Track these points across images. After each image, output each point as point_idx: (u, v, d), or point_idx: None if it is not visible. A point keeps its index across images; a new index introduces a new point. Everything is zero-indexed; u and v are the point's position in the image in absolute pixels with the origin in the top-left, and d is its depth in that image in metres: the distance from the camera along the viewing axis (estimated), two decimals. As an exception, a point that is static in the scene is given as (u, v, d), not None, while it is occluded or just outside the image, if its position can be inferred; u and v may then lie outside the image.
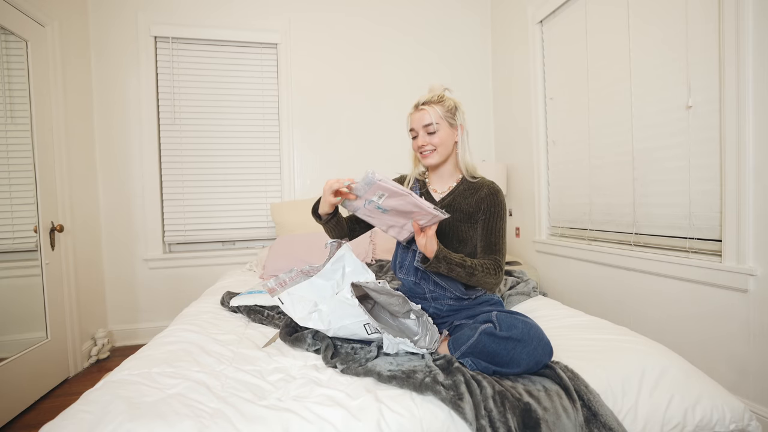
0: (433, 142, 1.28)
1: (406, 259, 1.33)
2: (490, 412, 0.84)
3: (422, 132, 1.28)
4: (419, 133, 1.29)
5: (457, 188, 1.34)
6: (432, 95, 1.30)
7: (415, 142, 1.32)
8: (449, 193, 1.34)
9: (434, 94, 1.30)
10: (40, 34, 2.13)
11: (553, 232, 2.62)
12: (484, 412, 0.84)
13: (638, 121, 1.91)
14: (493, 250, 1.24)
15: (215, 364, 1.08)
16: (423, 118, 1.27)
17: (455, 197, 1.32)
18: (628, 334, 1.20)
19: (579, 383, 0.92)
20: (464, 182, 1.34)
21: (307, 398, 0.90)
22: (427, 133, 1.28)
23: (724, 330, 1.57)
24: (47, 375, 2.07)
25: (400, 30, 3.04)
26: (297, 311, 1.12)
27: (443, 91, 1.32)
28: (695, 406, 0.95)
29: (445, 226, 1.30)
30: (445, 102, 1.29)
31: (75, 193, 2.36)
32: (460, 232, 1.29)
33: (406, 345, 1.05)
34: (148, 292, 2.74)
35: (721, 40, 1.51)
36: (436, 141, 1.28)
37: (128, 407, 0.84)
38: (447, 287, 1.27)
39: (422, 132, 1.28)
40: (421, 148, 1.30)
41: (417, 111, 1.29)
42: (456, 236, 1.29)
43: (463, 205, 1.30)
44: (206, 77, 2.78)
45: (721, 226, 1.57)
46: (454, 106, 1.29)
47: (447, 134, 1.29)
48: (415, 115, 1.29)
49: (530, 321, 1.02)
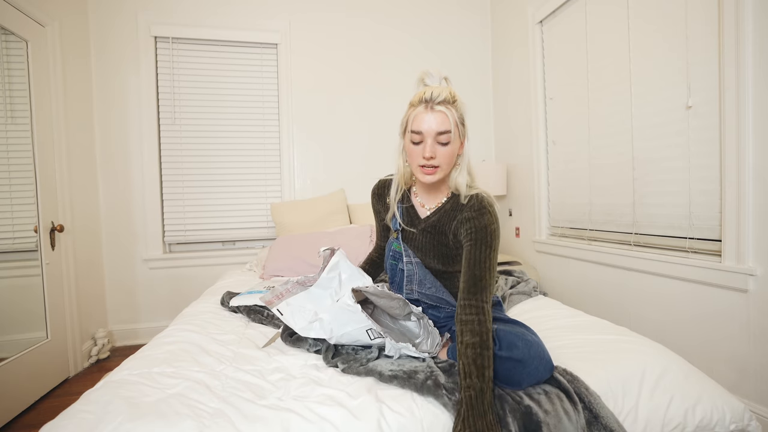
0: (443, 154, 1.03)
1: (396, 276, 1.23)
2: (490, 412, 0.84)
3: (432, 140, 1.02)
4: (427, 140, 1.03)
5: (444, 206, 1.16)
6: (446, 92, 1.02)
7: (418, 149, 1.05)
8: (436, 211, 1.17)
9: (446, 89, 1.03)
10: (41, 34, 2.13)
11: (552, 232, 2.62)
12: (485, 413, 0.83)
13: (638, 122, 1.91)
14: (477, 287, 0.99)
15: (215, 363, 1.08)
16: (441, 122, 1.01)
17: (441, 217, 1.15)
18: (628, 334, 1.20)
19: (579, 385, 0.91)
20: (453, 198, 1.15)
21: (307, 398, 0.90)
22: (438, 143, 1.03)
23: (724, 330, 1.57)
24: (47, 375, 2.07)
25: (401, 30, 3.04)
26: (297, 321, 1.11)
27: (447, 84, 1.07)
28: (695, 407, 0.94)
29: (429, 248, 1.16)
30: (458, 103, 1.05)
31: (75, 193, 2.36)
32: (444, 254, 1.16)
33: (408, 350, 1.04)
34: (148, 292, 2.73)
35: (721, 41, 1.51)
36: (446, 154, 1.03)
37: (128, 407, 0.84)
38: (439, 306, 1.22)
39: (432, 140, 1.02)
40: (427, 161, 1.04)
41: (430, 111, 1.02)
42: (440, 257, 1.16)
43: (447, 227, 1.13)
44: (206, 77, 2.78)
45: (720, 226, 1.57)
46: (463, 109, 1.06)
47: (455, 147, 1.06)
48: (428, 116, 1.02)
49: (531, 338, 0.95)
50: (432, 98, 1.02)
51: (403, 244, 1.21)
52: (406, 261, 1.20)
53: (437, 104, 1.02)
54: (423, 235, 1.18)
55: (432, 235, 1.17)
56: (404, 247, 1.21)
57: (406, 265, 1.20)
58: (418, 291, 1.20)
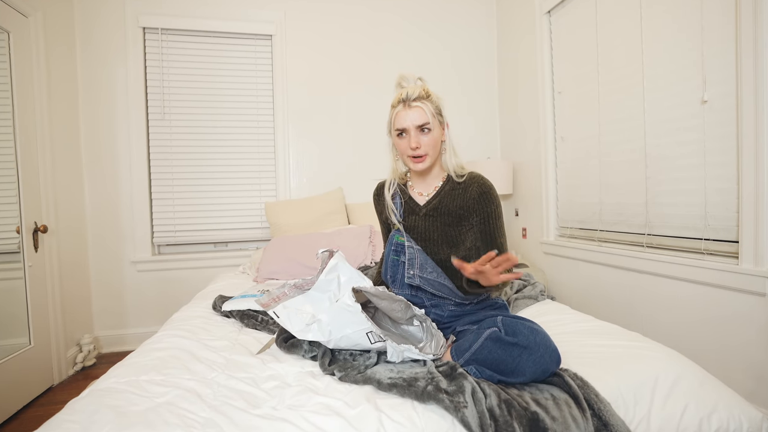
0: (427, 143, 1.23)
1: (398, 272, 1.29)
2: (496, 421, 0.84)
3: (415, 132, 1.23)
4: (411, 133, 1.23)
5: (443, 188, 1.32)
6: (419, 90, 1.24)
7: (404, 142, 1.26)
8: (435, 195, 1.32)
9: (419, 87, 1.25)
10: (23, 24, 2.13)
11: (561, 233, 2.62)
12: (490, 422, 0.84)
13: (651, 117, 1.91)
14: (501, 252, 1.22)
15: (207, 371, 1.08)
16: (418, 116, 1.22)
17: (441, 199, 1.30)
18: (640, 339, 1.20)
19: (589, 391, 0.92)
20: (450, 181, 1.32)
21: (303, 407, 0.90)
22: (421, 134, 1.23)
23: (740, 335, 1.57)
24: (30, 383, 2.07)
25: (402, 18, 3.04)
26: (294, 324, 1.11)
27: (422, 83, 1.27)
28: (711, 416, 0.95)
29: (433, 230, 1.28)
30: (432, 97, 1.25)
31: (59, 192, 2.36)
32: (449, 237, 1.28)
33: (411, 352, 1.04)
34: (136, 296, 2.73)
35: (738, 32, 1.51)
36: (430, 142, 1.24)
37: (115, 416, 0.84)
38: (445, 296, 1.26)
39: (415, 132, 1.23)
40: (414, 151, 1.24)
41: (408, 108, 1.22)
42: (445, 241, 1.28)
43: (451, 207, 1.28)
44: (197, 70, 2.78)
45: (738, 227, 1.57)
46: (438, 101, 1.26)
47: (438, 134, 1.27)
48: (406, 114, 1.23)
49: (536, 327, 1.02)
50: (408, 97, 1.22)
51: (406, 235, 1.31)
52: (408, 246, 1.27)
53: (413, 101, 1.22)
54: (425, 220, 1.31)
55: (434, 218, 1.30)
56: (407, 237, 1.30)
57: (408, 249, 1.27)
58: (419, 276, 1.25)
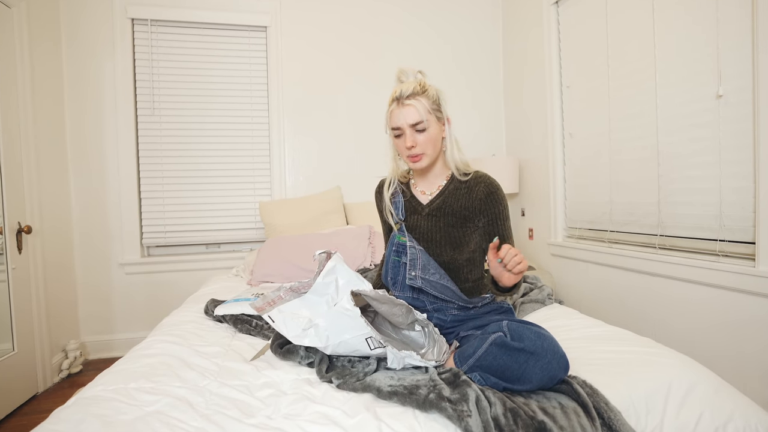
0: (423, 141, 1.23)
1: (399, 274, 1.30)
2: (501, 431, 0.84)
3: (409, 131, 1.22)
4: (405, 132, 1.23)
5: (446, 188, 1.32)
6: (413, 85, 1.22)
7: (400, 142, 1.26)
8: (438, 194, 1.32)
9: (415, 82, 1.23)
10: (6, 16, 2.13)
11: (569, 234, 2.62)
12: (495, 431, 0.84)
13: (663, 112, 1.91)
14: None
15: (198, 378, 1.08)
16: (410, 115, 1.21)
17: (445, 198, 1.31)
18: (652, 345, 1.20)
19: (598, 400, 0.92)
20: (454, 180, 1.32)
21: (299, 416, 0.90)
22: (416, 132, 1.23)
23: (757, 341, 1.57)
24: (14, 391, 2.07)
25: (402, 8, 3.04)
26: (290, 329, 1.11)
27: (421, 77, 1.25)
28: (726, 425, 0.94)
29: (436, 231, 1.28)
30: (430, 92, 1.23)
31: (44, 191, 2.37)
32: (453, 238, 1.28)
33: (412, 358, 1.04)
34: (124, 300, 2.73)
35: (755, 24, 1.51)
36: (426, 140, 1.23)
37: (103, 426, 0.84)
38: (449, 299, 1.26)
39: (409, 131, 1.22)
40: (409, 150, 1.24)
41: (401, 106, 1.22)
42: (448, 242, 1.28)
43: (455, 207, 1.28)
44: (188, 64, 2.78)
45: (755, 227, 1.57)
46: (437, 95, 1.25)
47: (436, 131, 1.25)
48: (400, 112, 1.22)
49: (544, 332, 1.01)
50: (401, 95, 1.22)
51: (408, 235, 1.31)
52: (410, 246, 1.27)
53: (406, 99, 1.21)
54: (428, 220, 1.31)
55: (437, 218, 1.30)
56: (409, 237, 1.31)
57: (410, 250, 1.27)
58: (421, 277, 1.25)
